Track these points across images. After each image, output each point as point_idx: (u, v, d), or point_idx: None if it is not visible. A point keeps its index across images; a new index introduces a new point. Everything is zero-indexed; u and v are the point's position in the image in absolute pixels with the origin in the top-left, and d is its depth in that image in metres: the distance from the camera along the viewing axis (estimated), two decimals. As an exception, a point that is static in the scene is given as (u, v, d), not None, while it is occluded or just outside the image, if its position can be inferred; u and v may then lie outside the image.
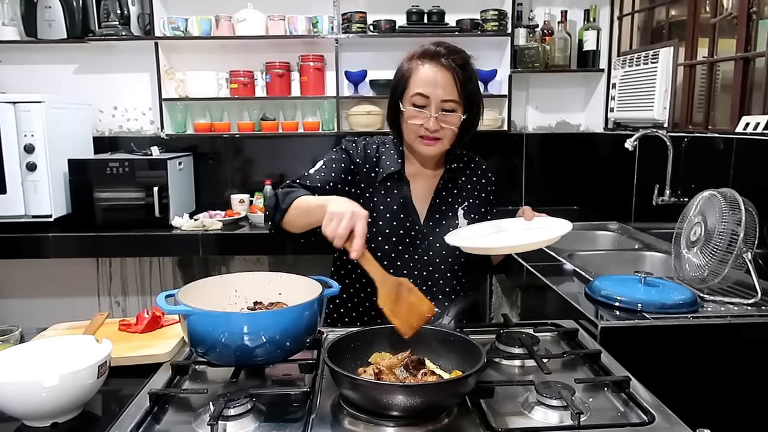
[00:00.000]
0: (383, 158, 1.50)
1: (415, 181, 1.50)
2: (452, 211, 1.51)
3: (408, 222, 1.48)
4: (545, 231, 1.31)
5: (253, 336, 1.07)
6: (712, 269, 1.58)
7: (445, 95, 1.37)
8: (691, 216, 1.72)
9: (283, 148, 3.10)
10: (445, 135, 1.40)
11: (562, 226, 1.31)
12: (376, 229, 1.47)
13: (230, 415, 0.96)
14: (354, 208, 1.13)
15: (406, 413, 0.94)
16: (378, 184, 1.48)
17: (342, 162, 1.48)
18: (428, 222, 1.49)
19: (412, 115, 1.39)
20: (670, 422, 0.95)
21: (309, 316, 1.14)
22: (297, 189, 1.38)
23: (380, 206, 1.48)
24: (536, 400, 1.01)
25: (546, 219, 1.38)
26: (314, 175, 1.46)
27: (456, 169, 1.52)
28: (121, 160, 2.58)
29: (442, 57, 1.37)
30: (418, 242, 1.48)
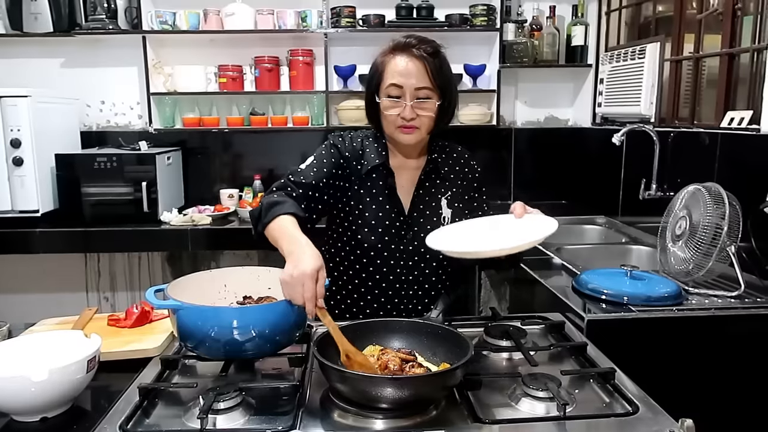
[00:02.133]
0: (367, 151, 1.51)
1: (399, 172, 1.51)
2: (436, 200, 1.52)
3: (393, 213, 1.49)
4: (529, 233, 1.27)
5: (242, 330, 1.08)
6: (696, 262, 1.60)
7: (418, 83, 1.39)
8: (676, 210, 1.74)
9: (273, 142, 3.09)
10: (422, 123, 1.42)
11: (548, 226, 1.27)
12: (363, 221, 1.48)
13: (220, 408, 0.97)
14: (300, 268, 1.10)
15: (394, 406, 0.95)
16: (364, 176, 1.49)
17: (332, 157, 1.49)
18: (413, 212, 1.51)
19: (388, 106, 1.42)
20: (654, 412, 0.97)
21: (298, 310, 1.14)
22: (281, 201, 1.36)
23: (366, 198, 1.49)
24: (523, 392, 1.02)
25: (537, 216, 1.35)
26: (307, 172, 1.47)
27: (438, 159, 1.54)
28: (108, 155, 2.56)
29: (413, 47, 1.40)
30: (404, 233, 1.49)
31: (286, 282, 1.11)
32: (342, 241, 1.53)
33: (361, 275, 1.51)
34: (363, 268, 1.50)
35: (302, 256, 1.14)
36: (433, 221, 1.51)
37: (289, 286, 1.10)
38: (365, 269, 1.50)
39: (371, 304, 1.52)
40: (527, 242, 1.21)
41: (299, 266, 1.11)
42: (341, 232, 1.52)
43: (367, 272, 1.50)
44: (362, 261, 1.49)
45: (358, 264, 1.50)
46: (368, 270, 1.50)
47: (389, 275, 1.49)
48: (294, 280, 1.09)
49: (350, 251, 1.51)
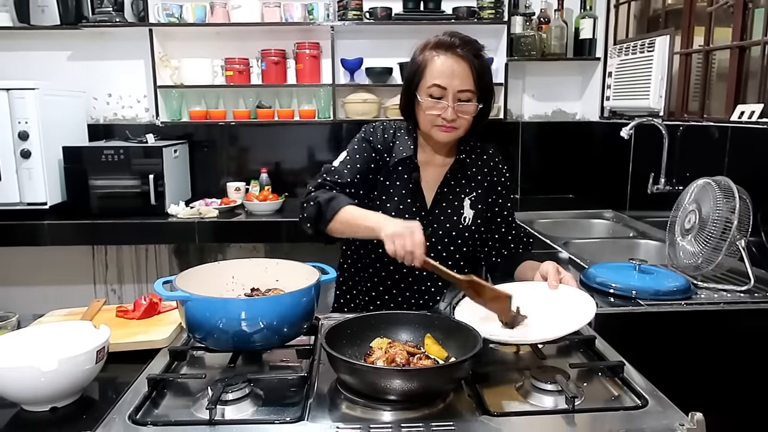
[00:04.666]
0: (397, 143, 1.51)
1: (426, 167, 1.51)
2: (459, 200, 1.52)
3: (414, 207, 1.49)
4: (565, 321, 1.14)
5: (250, 322, 1.08)
6: (705, 257, 1.59)
7: (462, 86, 1.38)
8: (685, 204, 1.73)
9: (279, 136, 3.09)
10: (461, 124, 1.42)
11: (586, 310, 1.16)
12: (383, 212, 1.48)
13: (228, 399, 0.97)
14: (406, 224, 1.24)
15: (402, 397, 0.95)
16: (391, 168, 1.50)
17: (365, 152, 1.50)
18: (434, 209, 1.50)
19: (430, 106, 1.40)
20: (663, 406, 0.96)
21: (306, 302, 1.15)
22: (335, 196, 1.40)
23: (390, 189, 1.50)
24: (531, 385, 1.02)
25: (572, 291, 1.26)
26: (341, 169, 1.48)
27: (466, 159, 1.52)
28: (116, 148, 2.57)
29: (457, 48, 1.38)
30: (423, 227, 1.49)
31: (398, 233, 1.21)
32: None
33: (376, 265, 1.51)
34: (378, 259, 1.50)
35: (395, 221, 1.27)
36: (454, 220, 1.50)
37: (400, 236, 1.21)
38: (380, 260, 1.50)
39: (383, 296, 1.52)
40: (562, 333, 1.13)
41: (403, 222, 1.24)
42: None
43: (382, 263, 1.50)
44: (378, 251, 1.49)
45: (374, 253, 1.51)
46: (383, 261, 1.50)
47: (403, 269, 1.49)
48: (404, 230, 1.22)
49: (367, 241, 1.51)
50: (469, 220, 1.51)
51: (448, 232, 1.50)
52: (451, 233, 1.50)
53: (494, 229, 1.57)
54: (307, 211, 1.41)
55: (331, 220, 1.36)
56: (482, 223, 1.54)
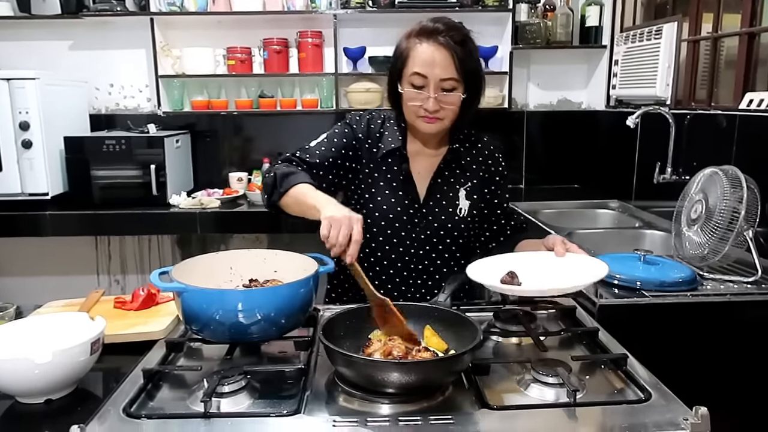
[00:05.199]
0: (386, 134, 1.47)
1: (417, 158, 1.47)
2: (453, 191, 1.49)
3: (407, 200, 1.46)
4: (579, 275, 1.18)
5: (247, 313, 1.06)
6: (712, 247, 1.56)
7: (444, 74, 1.33)
8: (692, 194, 1.70)
9: (282, 125, 3.07)
10: (446, 114, 1.37)
11: (598, 268, 1.18)
12: (374, 206, 1.45)
13: (224, 392, 0.96)
14: (349, 213, 1.15)
15: (400, 390, 0.93)
16: (379, 160, 1.46)
17: (344, 137, 1.46)
18: (428, 201, 1.47)
19: (411, 97, 1.36)
20: (667, 400, 0.94)
21: (304, 293, 1.13)
22: (295, 171, 1.36)
23: (380, 182, 1.46)
24: (532, 378, 1.00)
25: (579, 256, 1.27)
26: (315, 149, 1.44)
27: (459, 148, 1.49)
28: (117, 138, 2.56)
29: (439, 34, 1.33)
30: (417, 221, 1.46)
31: (336, 218, 1.12)
32: None
33: (370, 259, 1.49)
34: (372, 254, 1.48)
35: (340, 207, 1.18)
36: (449, 212, 1.47)
37: (338, 222, 1.12)
38: (374, 255, 1.48)
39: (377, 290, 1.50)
40: (579, 285, 1.14)
41: (343, 210, 1.15)
42: None
43: (376, 258, 1.48)
44: (371, 245, 1.47)
45: (367, 248, 1.48)
46: (377, 256, 1.48)
47: (398, 263, 1.47)
48: (342, 219, 1.13)
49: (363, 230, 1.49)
50: (464, 212, 1.48)
51: (444, 225, 1.47)
52: (446, 226, 1.48)
53: (493, 220, 1.55)
54: (265, 180, 1.39)
55: (284, 194, 1.32)
56: (478, 214, 1.52)
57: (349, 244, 1.13)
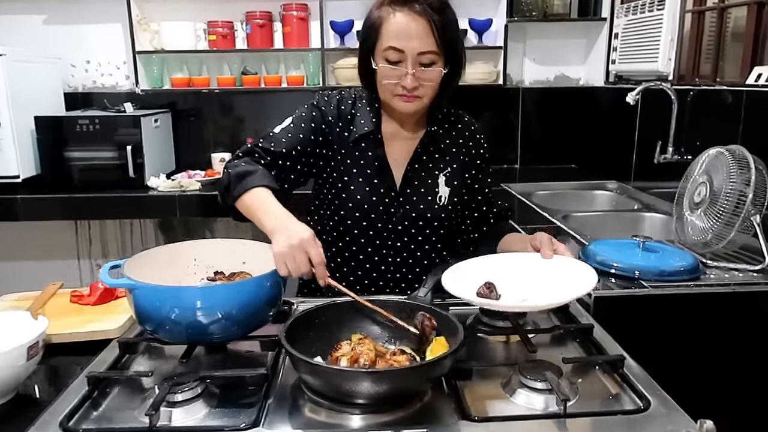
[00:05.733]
0: (358, 116, 1.35)
1: (392, 142, 1.36)
2: (432, 177, 1.37)
3: (382, 188, 1.35)
4: (565, 289, 1.04)
5: (206, 312, 0.96)
6: (716, 233, 1.46)
7: (422, 47, 1.20)
8: (695, 175, 1.59)
9: (266, 103, 2.94)
10: (425, 92, 1.25)
11: (587, 279, 1.04)
12: (347, 195, 1.34)
13: (177, 401, 0.86)
14: (297, 236, 1.04)
15: (372, 401, 0.84)
16: (351, 144, 1.34)
17: (312, 121, 1.34)
18: (405, 188, 1.36)
19: (386, 74, 1.24)
20: (668, 408, 0.85)
21: (270, 288, 1.03)
22: (252, 171, 1.22)
23: (353, 169, 1.35)
24: (520, 383, 0.90)
25: (566, 260, 1.14)
26: (279, 137, 1.32)
27: (438, 130, 1.37)
28: (91, 118, 2.43)
29: (416, 2, 1.20)
30: (393, 210, 1.35)
31: (285, 253, 1.03)
32: (326, 216, 1.40)
33: (344, 254, 1.38)
34: (347, 247, 1.38)
35: (293, 226, 1.07)
36: (428, 200, 1.36)
37: (290, 256, 1.03)
38: (349, 248, 1.38)
39: (354, 286, 1.40)
40: (563, 300, 1.03)
41: (295, 234, 1.04)
42: (325, 206, 1.39)
43: (351, 251, 1.37)
44: (345, 239, 1.37)
45: (341, 242, 1.38)
46: (351, 249, 1.37)
47: (374, 256, 1.37)
48: (294, 249, 1.03)
49: (334, 227, 1.38)
50: (444, 199, 1.37)
51: (423, 214, 1.36)
52: (425, 215, 1.37)
53: (474, 207, 1.44)
54: (220, 180, 1.26)
55: (237, 198, 1.19)
56: (459, 201, 1.41)
57: (314, 266, 1.04)
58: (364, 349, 0.90)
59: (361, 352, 0.89)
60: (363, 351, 0.89)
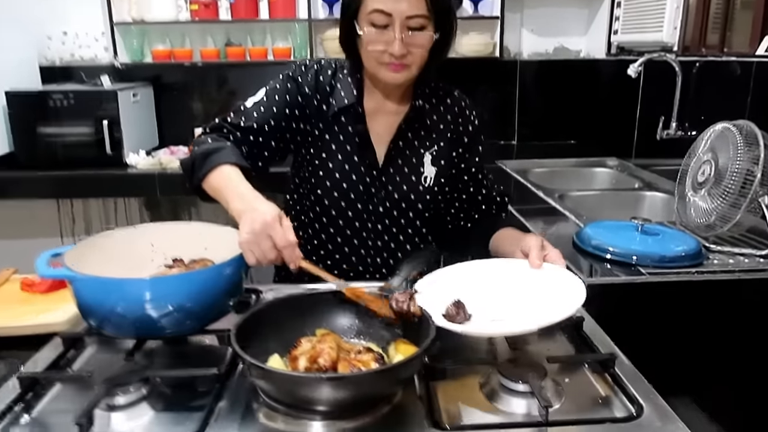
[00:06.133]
0: (338, 87, 1.25)
1: (374, 117, 1.25)
2: (417, 155, 1.27)
3: (363, 166, 1.25)
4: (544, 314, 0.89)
5: (155, 305, 0.88)
6: (721, 214, 1.36)
7: (411, 10, 1.10)
8: (699, 153, 1.48)
9: (252, 77, 2.81)
10: (414, 60, 1.15)
11: (575, 296, 0.92)
12: (325, 174, 1.24)
13: (118, 404, 0.78)
14: (260, 219, 0.93)
15: (331, 408, 0.75)
16: (330, 119, 1.24)
17: (288, 93, 1.23)
18: (388, 167, 1.26)
19: (372, 39, 1.13)
20: (662, 416, 0.76)
21: (228, 277, 0.94)
22: (219, 148, 1.12)
23: (332, 146, 1.25)
24: (499, 384, 0.82)
25: (556, 270, 1.02)
26: (251, 112, 1.22)
27: (424, 105, 1.27)
28: (65, 92, 2.32)
29: None
30: (374, 190, 1.25)
31: (249, 241, 0.93)
32: (304, 195, 1.30)
33: (321, 236, 1.29)
34: (324, 228, 1.28)
35: (257, 207, 0.97)
36: (412, 180, 1.27)
37: (254, 243, 0.93)
38: (327, 230, 1.28)
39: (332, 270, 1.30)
40: (541, 324, 0.87)
41: (258, 218, 0.94)
42: (303, 185, 1.30)
43: (328, 233, 1.28)
44: (323, 220, 1.27)
45: (318, 223, 1.28)
46: (329, 231, 1.28)
47: (353, 240, 1.28)
48: (258, 236, 0.92)
49: (311, 207, 1.28)
50: (430, 180, 1.27)
51: (406, 195, 1.27)
52: (409, 196, 1.27)
53: (461, 188, 1.34)
54: (183, 160, 1.16)
55: (203, 179, 1.09)
56: (447, 182, 1.31)
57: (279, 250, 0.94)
58: (325, 348, 0.80)
59: (321, 351, 0.80)
60: (324, 349, 0.80)
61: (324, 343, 0.81)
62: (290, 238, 0.94)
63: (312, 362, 0.79)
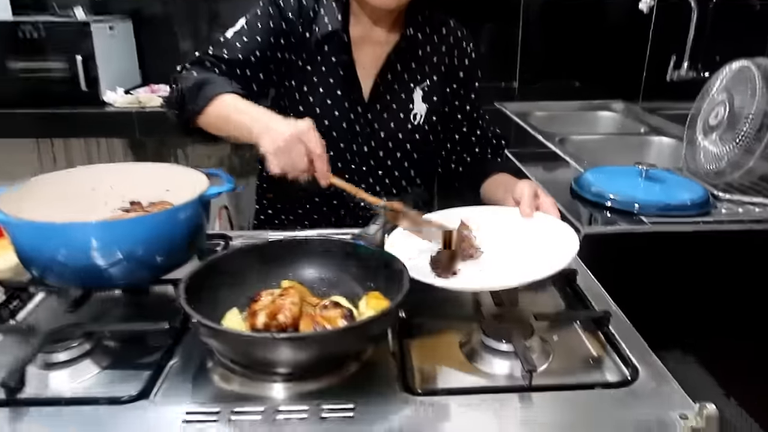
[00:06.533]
0: (321, 13, 1.12)
1: (361, 46, 1.14)
2: (407, 91, 1.16)
3: (347, 101, 1.14)
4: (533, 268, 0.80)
5: (102, 252, 0.79)
6: (733, 160, 1.26)
7: None
8: (713, 93, 1.36)
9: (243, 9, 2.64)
10: None
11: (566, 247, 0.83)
12: (305, 108, 1.14)
13: (59, 361, 0.70)
14: (294, 126, 0.88)
15: (294, 369, 0.68)
16: (314, 47, 1.13)
17: (270, 21, 1.11)
18: (374, 102, 1.15)
19: None
20: (659, 381, 0.68)
21: (185, 222, 0.85)
22: (211, 79, 1.03)
23: (313, 78, 1.14)
24: (481, 343, 0.74)
25: (547, 220, 0.93)
26: (234, 42, 1.11)
27: (416, 35, 1.15)
28: (34, 23, 2.16)
29: None
30: (359, 128, 1.15)
31: (282, 147, 0.87)
32: None
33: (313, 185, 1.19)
34: None
35: (283, 119, 0.91)
36: (400, 118, 1.16)
37: (284, 151, 0.87)
38: None
39: (310, 215, 1.22)
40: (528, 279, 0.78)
41: (289, 125, 0.89)
42: None
43: None
44: None
45: None
46: None
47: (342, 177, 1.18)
48: (291, 140, 0.87)
49: None
50: (420, 118, 1.17)
51: (394, 134, 1.16)
52: (396, 135, 1.17)
53: (454, 128, 1.23)
54: (168, 97, 1.08)
55: (201, 112, 1.01)
56: (439, 121, 1.20)
57: (313, 163, 0.88)
58: (286, 303, 0.72)
59: (282, 306, 0.71)
60: (284, 305, 0.71)
61: (286, 297, 0.72)
62: (323, 147, 0.89)
63: (271, 318, 0.71)
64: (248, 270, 0.82)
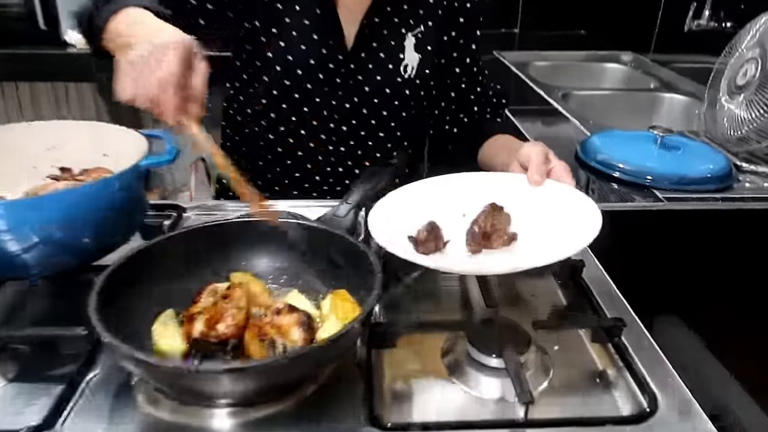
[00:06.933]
0: None
1: None
2: (397, 37, 1.00)
3: (326, 47, 0.97)
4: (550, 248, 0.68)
5: (15, 235, 0.65)
6: (761, 126, 1.11)
7: None
8: (743, 48, 1.20)
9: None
10: None
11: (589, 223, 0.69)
12: (274, 54, 0.97)
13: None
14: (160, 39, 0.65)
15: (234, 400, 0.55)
16: None
17: None
18: (359, 50, 0.99)
19: None
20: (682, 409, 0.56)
21: (116, 197, 0.71)
22: None
23: (285, 18, 0.97)
24: (467, 356, 0.61)
25: (562, 189, 0.77)
26: None
27: None
28: (-18, -51, 1.95)
29: None
30: (339, 80, 0.99)
31: (133, 62, 0.64)
32: (246, 82, 1.03)
33: (267, 137, 1.04)
34: (272, 127, 1.03)
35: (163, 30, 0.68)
36: (389, 69, 1.00)
37: (137, 68, 0.63)
38: (274, 129, 1.03)
39: (281, 180, 1.07)
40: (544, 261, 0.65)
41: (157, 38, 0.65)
42: (245, 68, 1.02)
43: (277, 134, 1.03)
44: (270, 116, 1.02)
45: (264, 119, 1.03)
46: (278, 131, 1.03)
47: (310, 142, 1.03)
48: (147, 57, 0.63)
49: (255, 99, 1.02)
50: (412, 70, 1.01)
51: (380, 88, 1.01)
52: (383, 89, 1.01)
53: (450, 84, 1.07)
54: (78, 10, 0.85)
55: (104, 27, 0.77)
56: (433, 74, 1.04)
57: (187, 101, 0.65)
58: (230, 308, 0.58)
59: (224, 313, 0.58)
60: (227, 311, 0.58)
61: (230, 300, 0.59)
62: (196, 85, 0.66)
63: (210, 327, 0.57)
64: (192, 258, 0.68)
